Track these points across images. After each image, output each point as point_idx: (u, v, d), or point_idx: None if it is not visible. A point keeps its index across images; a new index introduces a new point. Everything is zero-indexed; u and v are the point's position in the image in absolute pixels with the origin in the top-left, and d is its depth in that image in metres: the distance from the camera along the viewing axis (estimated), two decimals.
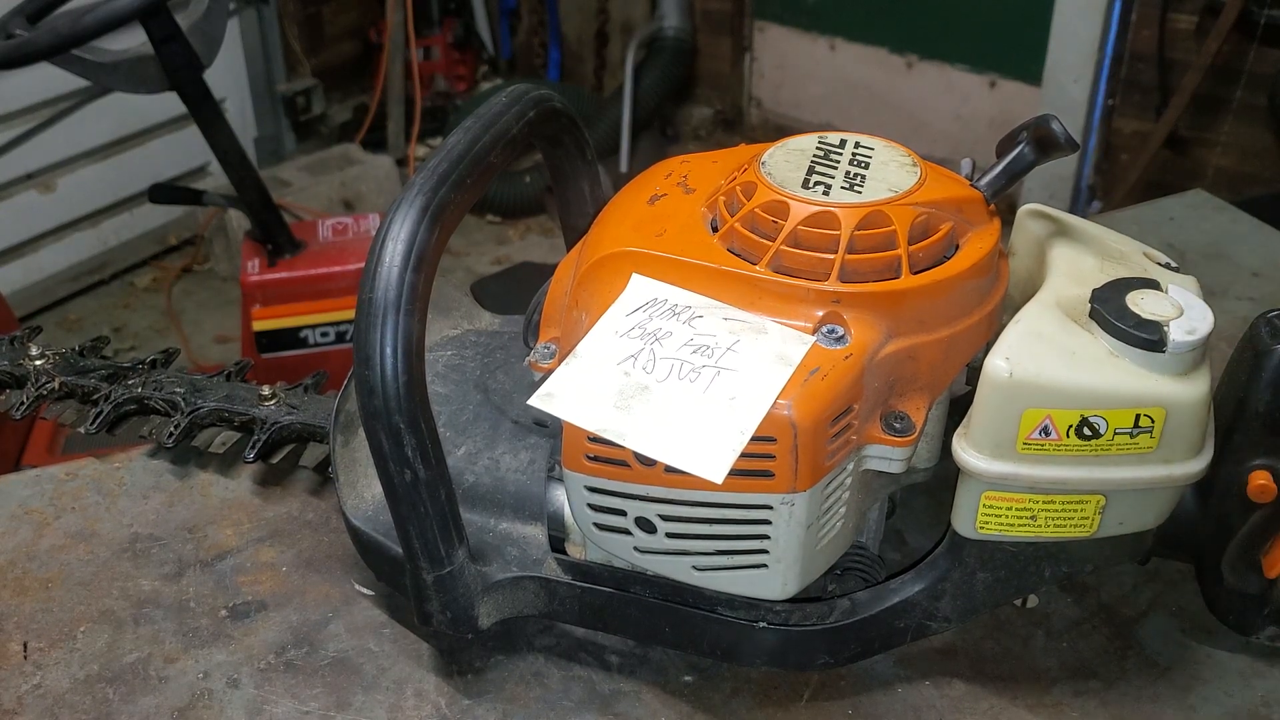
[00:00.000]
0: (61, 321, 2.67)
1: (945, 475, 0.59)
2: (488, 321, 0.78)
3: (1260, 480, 0.58)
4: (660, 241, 0.56)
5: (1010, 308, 0.57)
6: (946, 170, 0.59)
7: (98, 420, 0.77)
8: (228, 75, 2.89)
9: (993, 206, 0.58)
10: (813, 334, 0.53)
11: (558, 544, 0.62)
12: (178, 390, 0.79)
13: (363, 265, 0.52)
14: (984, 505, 0.56)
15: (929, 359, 0.54)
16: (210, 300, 2.78)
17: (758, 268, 0.54)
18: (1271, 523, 0.59)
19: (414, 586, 0.58)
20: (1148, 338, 0.53)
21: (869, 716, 0.62)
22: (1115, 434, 0.53)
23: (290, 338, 1.95)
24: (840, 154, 0.59)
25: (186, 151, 2.77)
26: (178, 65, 1.62)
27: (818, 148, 0.59)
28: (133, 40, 1.62)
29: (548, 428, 0.63)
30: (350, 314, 1.03)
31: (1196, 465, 0.55)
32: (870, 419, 0.54)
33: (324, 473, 0.77)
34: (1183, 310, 0.54)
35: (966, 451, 0.55)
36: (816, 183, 0.56)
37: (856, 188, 0.56)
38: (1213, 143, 2.34)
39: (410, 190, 0.53)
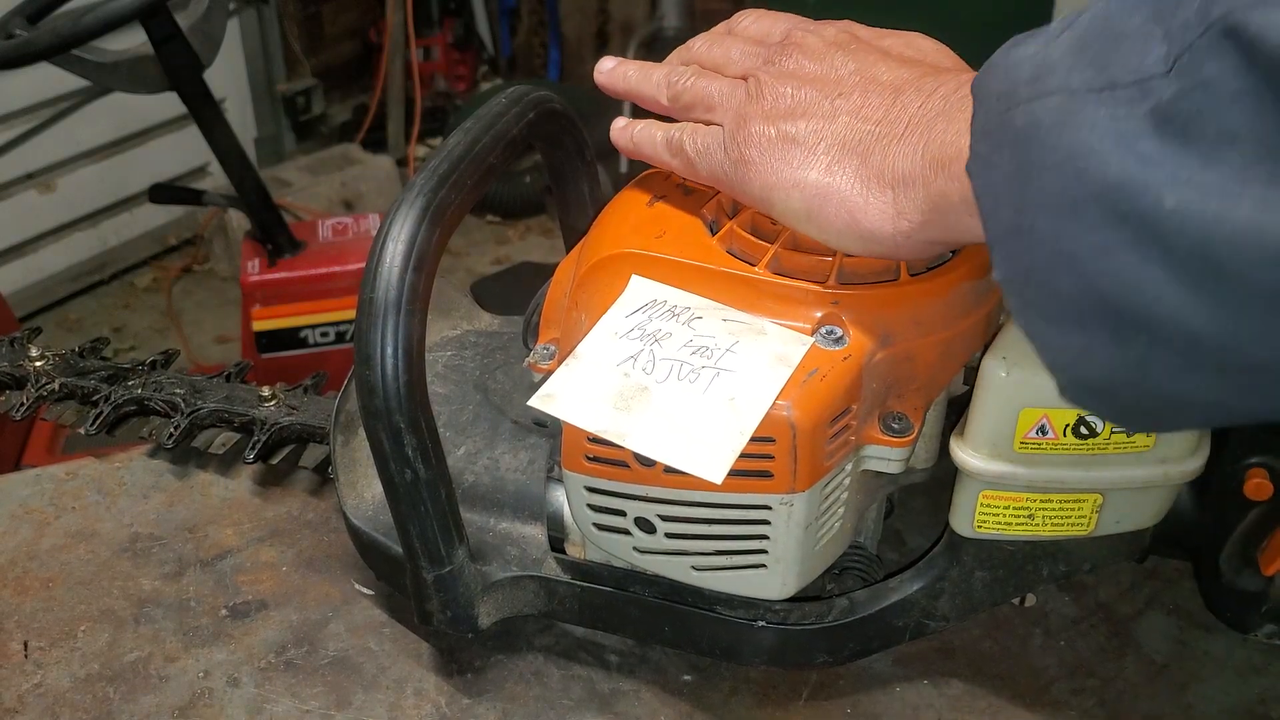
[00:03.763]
0: (61, 322, 2.67)
1: (943, 475, 0.59)
2: (487, 322, 0.78)
3: (1257, 478, 0.58)
4: (660, 243, 0.56)
5: (1008, 308, 0.57)
6: None
7: (97, 421, 0.77)
8: (228, 75, 2.88)
9: None
10: (811, 335, 0.53)
11: (557, 544, 0.62)
12: (178, 391, 0.79)
13: (363, 265, 0.53)
14: (981, 504, 0.56)
15: (927, 360, 0.54)
16: (210, 300, 2.79)
17: (757, 269, 0.54)
18: (1268, 520, 0.59)
19: (414, 586, 0.58)
20: None
21: (868, 715, 0.62)
22: (1112, 433, 0.53)
23: (290, 338, 1.95)
24: None
25: (186, 151, 2.77)
26: (178, 65, 1.62)
27: None
28: (133, 40, 1.62)
29: (547, 428, 0.64)
30: (350, 314, 1.03)
31: (1193, 464, 0.56)
32: (869, 420, 0.55)
33: (324, 473, 0.77)
34: None
35: (964, 451, 0.55)
36: None
37: None
38: None
39: (410, 191, 0.53)
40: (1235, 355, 0.35)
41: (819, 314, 0.53)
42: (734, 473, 0.49)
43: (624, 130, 0.59)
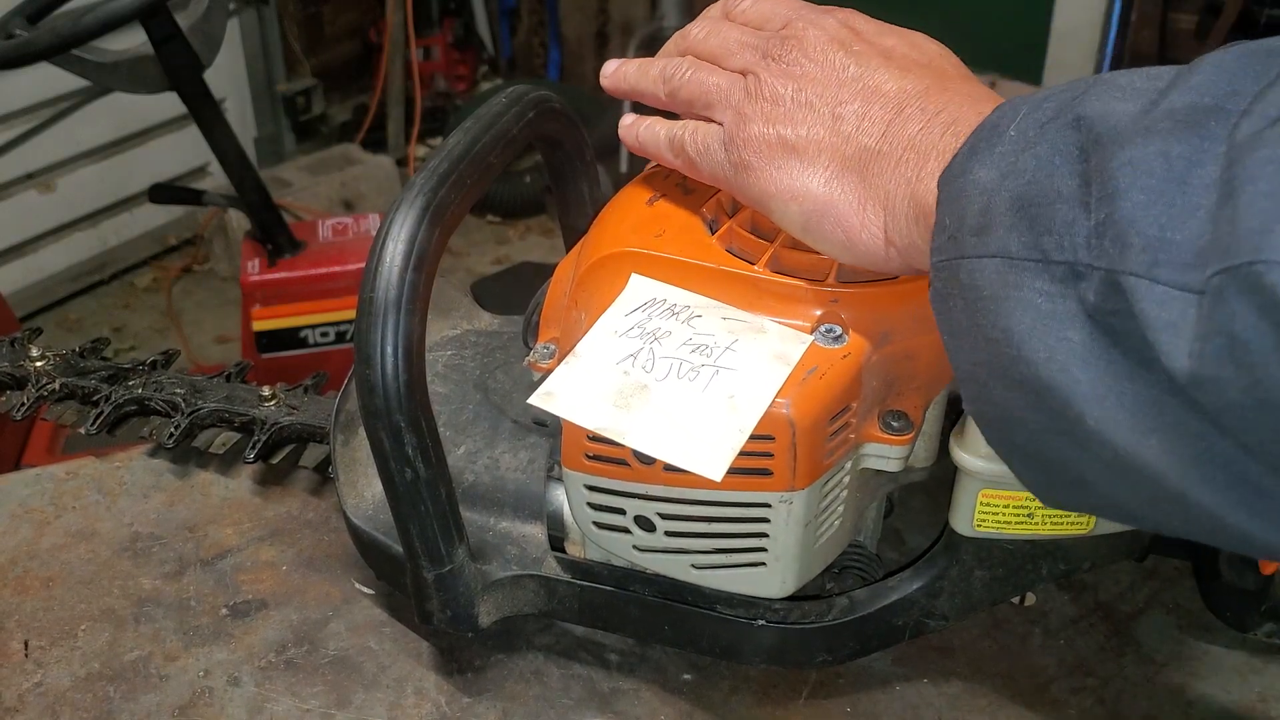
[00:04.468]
0: (61, 322, 2.67)
1: (943, 474, 0.59)
2: (487, 321, 0.78)
3: None
4: (659, 242, 0.56)
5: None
6: None
7: (98, 421, 0.78)
8: (228, 75, 2.89)
9: None
10: (811, 333, 0.53)
11: (557, 543, 0.62)
12: (178, 391, 0.79)
13: (363, 265, 0.53)
14: (981, 503, 0.56)
15: (926, 359, 0.54)
16: (210, 300, 2.79)
17: (756, 268, 0.54)
18: None
19: (414, 585, 0.58)
20: None
21: (867, 714, 0.62)
22: None
23: (290, 338, 1.95)
24: None
25: (186, 151, 2.78)
26: (178, 65, 1.62)
27: None
28: (133, 40, 1.62)
29: (547, 427, 0.64)
30: (350, 314, 1.03)
31: None
32: (868, 418, 0.55)
33: (324, 472, 0.77)
34: None
35: (963, 450, 0.55)
36: None
37: None
38: None
39: (410, 190, 0.53)
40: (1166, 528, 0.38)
41: (818, 312, 0.53)
42: (733, 470, 0.49)
43: (630, 128, 0.59)
